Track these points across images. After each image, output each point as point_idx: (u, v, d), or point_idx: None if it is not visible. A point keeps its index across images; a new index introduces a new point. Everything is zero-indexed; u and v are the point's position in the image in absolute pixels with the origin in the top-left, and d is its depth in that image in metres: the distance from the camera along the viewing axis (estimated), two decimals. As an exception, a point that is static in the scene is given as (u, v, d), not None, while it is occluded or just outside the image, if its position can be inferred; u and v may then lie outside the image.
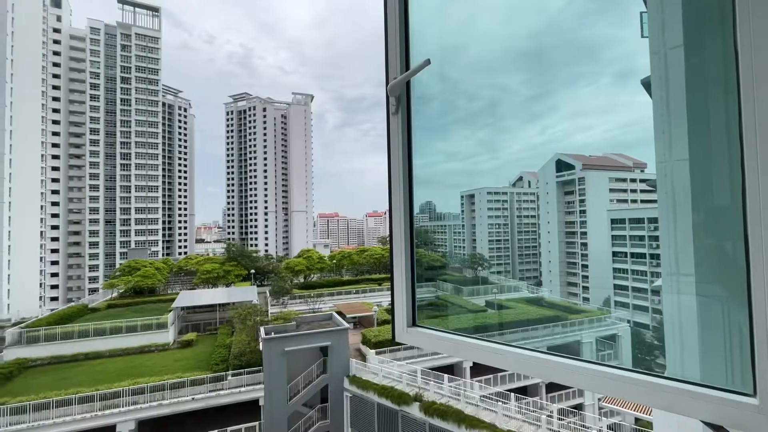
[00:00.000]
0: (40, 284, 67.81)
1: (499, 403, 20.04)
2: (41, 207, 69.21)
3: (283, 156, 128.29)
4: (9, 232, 55.00)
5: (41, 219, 68.99)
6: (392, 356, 27.33)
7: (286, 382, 24.99)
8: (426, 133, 1.87)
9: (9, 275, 54.93)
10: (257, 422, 24.89)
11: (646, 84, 1.59)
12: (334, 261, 60.48)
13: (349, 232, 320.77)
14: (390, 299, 1.81)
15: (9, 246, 54.99)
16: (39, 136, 66.13)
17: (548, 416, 19.51)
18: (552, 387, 31.04)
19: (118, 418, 22.34)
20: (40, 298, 67.02)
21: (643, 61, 1.63)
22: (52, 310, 49.17)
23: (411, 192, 1.69)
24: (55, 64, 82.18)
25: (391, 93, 1.67)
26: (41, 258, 69.52)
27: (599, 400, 27.38)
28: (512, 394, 21.79)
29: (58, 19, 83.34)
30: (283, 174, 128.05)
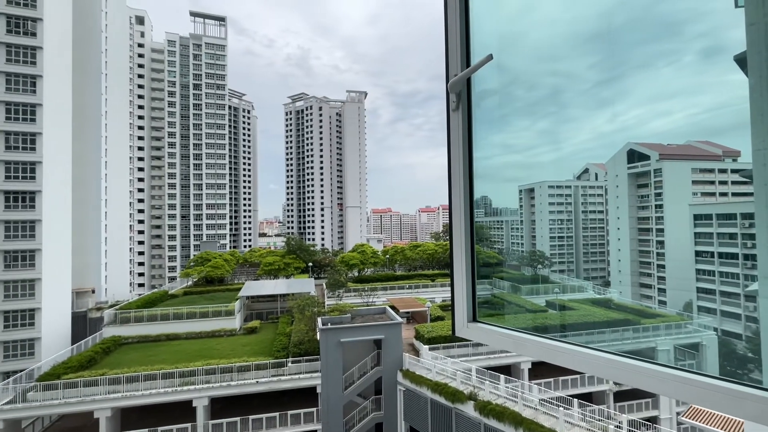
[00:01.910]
0: (130, 272, 76.75)
1: (561, 408, 19.00)
2: (130, 204, 78.18)
3: (338, 153, 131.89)
4: (105, 225, 62.90)
5: (130, 214, 77.96)
6: (446, 353, 27.06)
7: (341, 372, 25.85)
8: (482, 125, 1.82)
9: (106, 263, 62.90)
10: (315, 409, 26.06)
11: (741, 60, 1.39)
12: (387, 256, 61.08)
13: (401, 227, 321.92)
14: (450, 295, 1.82)
15: (105, 238, 62.92)
16: (127, 140, 74.56)
17: (617, 427, 18.14)
18: (621, 396, 28.75)
19: (194, 395, 24.67)
20: (130, 283, 75.87)
21: (737, 35, 1.43)
22: (139, 294, 55.48)
23: (471, 189, 1.70)
24: (140, 76, 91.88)
25: (451, 90, 1.66)
26: (130, 249, 78.67)
27: (678, 414, 24.83)
28: (575, 400, 20.56)
29: (142, 35, 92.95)
30: (338, 170, 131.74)
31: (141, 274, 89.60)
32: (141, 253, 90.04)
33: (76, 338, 39.70)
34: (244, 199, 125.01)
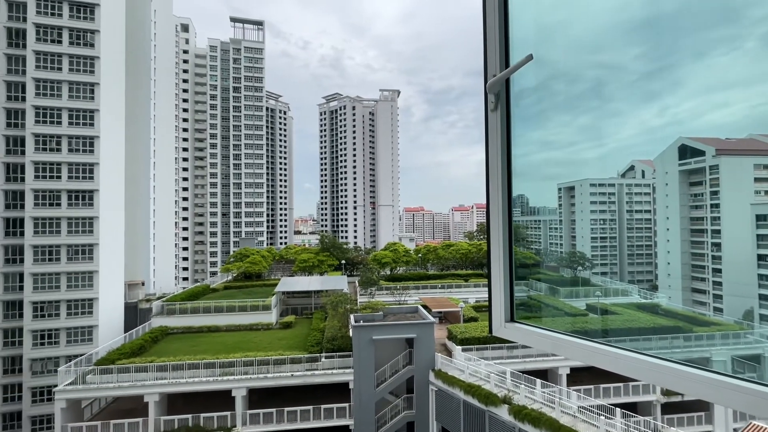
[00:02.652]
0: (175, 266, 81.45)
1: (602, 417, 18.13)
2: (175, 202, 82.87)
3: (371, 152, 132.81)
4: (153, 222, 67.11)
5: (175, 212, 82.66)
6: (479, 354, 26.57)
7: (373, 369, 26.07)
8: (519, 122, 1.77)
9: (154, 257, 67.12)
10: (347, 404, 26.46)
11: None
12: (420, 255, 60.81)
13: (434, 226, 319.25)
14: (486, 295, 1.82)
15: (154, 234, 67.14)
16: (173, 142, 79.07)
17: (663, 439, 17.08)
18: (670, 408, 27.00)
19: (233, 385, 25.80)
20: (175, 277, 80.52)
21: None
22: (183, 288, 58.73)
23: (510, 190, 1.69)
24: (184, 80, 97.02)
25: (490, 90, 1.64)
26: (175, 244, 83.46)
27: (736, 431, 23.00)
28: (618, 409, 19.54)
29: (186, 41, 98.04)
30: (371, 169, 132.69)
31: (185, 269, 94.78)
32: (185, 249, 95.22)
33: (128, 327, 42.68)
34: (281, 197, 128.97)
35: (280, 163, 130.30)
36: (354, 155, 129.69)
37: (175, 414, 26.11)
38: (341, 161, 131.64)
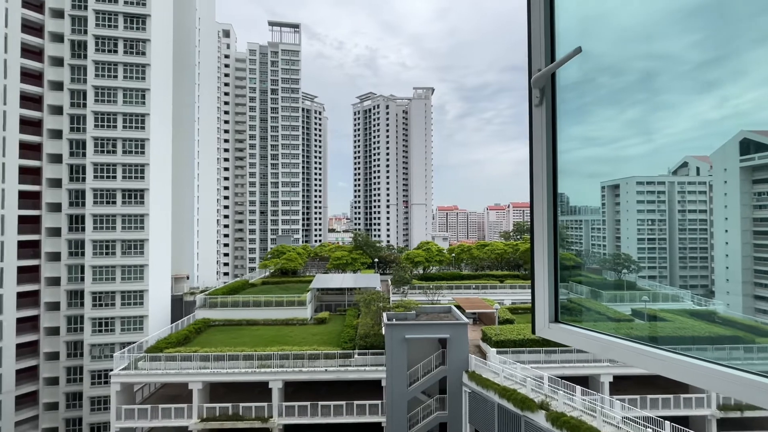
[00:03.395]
0: (216, 261, 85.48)
1: (649, 429, 17.09)
2: (216, 200, 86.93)
3: (404, 150, 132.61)
4: (197, 220, 70.79)
5: (217, 210, 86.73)
6: (515, 357, 25.85)
7: (406, 368, 26.07)
8: (560, 117, 1.70)
9: (198, 253, 70.82)
10: (379, 401, 26.65)
11: None
12: (453, 254, 60.03)
13: (468, 225, 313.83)
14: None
15: (198, 231, 70.82)
16: (215, 143, 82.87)
17: (718, 457, 15.84)
18: (728, 424, 24.99)
19: (270, 377, 26.73)
20: (216, 272, 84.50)
21: None
22: (224, 282, 61.52)
23: (555, 188, 1.66)
24: (225, 84, 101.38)
25: (534, 85, 1.60)
26: (217, 241, 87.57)
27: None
28: (667, 422, 18.36)
29: (228, 46, 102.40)
30: (404, 168, 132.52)
31: (226, 264, 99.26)
32: (226, 245, 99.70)
33: (174, 318, 45.38)
34: (315, 196, 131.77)
35: (315, 163, 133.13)
36: (387, 154, 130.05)
37: (216, 402, 27.47)
38: (374, 160, 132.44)
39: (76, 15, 47.01)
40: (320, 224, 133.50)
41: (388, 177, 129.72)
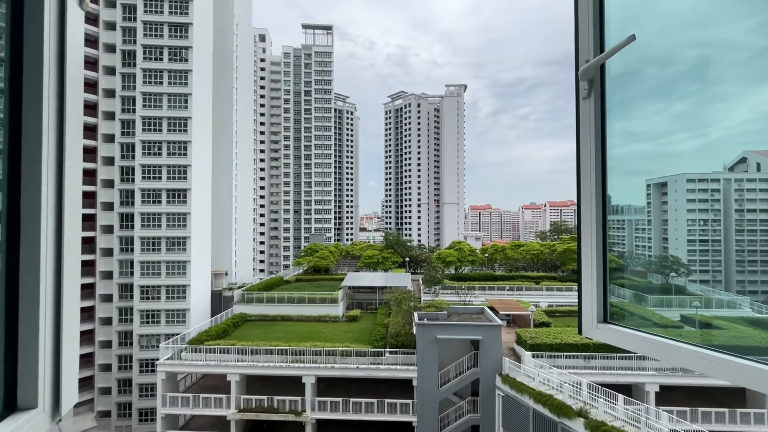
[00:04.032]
0: (253, 258, 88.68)
1: (698, 443, 15.96)
2: (253, 200, 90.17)
3: (435, 149, 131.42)
4: (235, 218, 73.72)
5: (253, 209, 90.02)
6: (551, 362, 24.97)
7: (437, 368, 25.85)
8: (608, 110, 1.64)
9: (236, 250, 73.77)
10: (410, 400, 26.60)
11: None
12: (486, 255, 58.81)
13: (502, 224, 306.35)
14: (576, 296, 1.75)
15: (235, 229, 73.77)
16: (251, 144, 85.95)
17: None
18: (788, 441, 22.82)
19: (303, 372, 27.39)
20: (253, 269, 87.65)
21: None
22: (260, 279, 63.67)
23: (604, 184, 1.62)
24: (261, 87, 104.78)
25: (582, 77, 1.55)
26: (253, 238, 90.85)
27: None
28: (719, 436, 17.05)
29: (263, 50, 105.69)
30: (435, 166, 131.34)
31: (261, 261, 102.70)
32: (261, 243, 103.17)
33: (214, 312, 47.53)
34: (347, 195, 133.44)
35: (347, 162, 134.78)
36: (418, 153, 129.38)
37: (252, 394, 28.50)
38: (405, 159, 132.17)
39: (127, 26, 50.25)
40: (351, 223, 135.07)
41: (419, 176, 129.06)
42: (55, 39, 0.92)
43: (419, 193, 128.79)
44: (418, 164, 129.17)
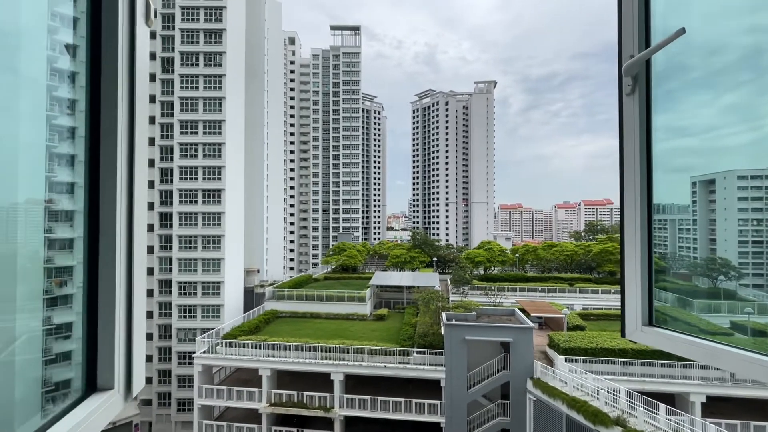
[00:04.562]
0: (283, 256, 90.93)
1: (749, 459, 14.90)
2: (283, 199, 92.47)
3: (464, 147, 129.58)
4: (267, 217, 75.87)
5: (283, 209, 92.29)
6: (586, 367, 24.06)
7: (466, 370, 25.53)
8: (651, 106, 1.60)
9: (267, 248, 75.93)
10: (438, 401, 26.42)
11: None
12: (517, 255, 57.41)
13: (533, 224, 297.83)
14: (619, 298, 1.72)
15: (267, 227, 75.91)
16: (282, 145, 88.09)
17: None
18: None
19: (332, 369, 27.81)
20: (283, 267, 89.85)
21: None
22: (290, 276, 65.20)
23: (650, 182, 1.60)
24: (291, 89, 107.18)
25: (626, 73, 1.52)
26: (284, 237, 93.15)
27: None
28: (773, 452, 15.85)
29: (293, 53, 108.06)
30: (464, 165, 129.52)
31: (291, 259, 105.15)
32: (292, 242, 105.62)
33: (246, 308, 49.14)
34: (374, 194, 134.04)
35: (374, 162, 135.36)
36: (446, 151, 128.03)
37: (283, 389, 29.26)
38: (433, 158, 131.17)
39: (165, 35, 52.82)
40: (379, 222, 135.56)
41: (447, 175, 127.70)
42: (126, 54, 1.01)
43: (447, 192, 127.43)
44: (446, 163, 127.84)
